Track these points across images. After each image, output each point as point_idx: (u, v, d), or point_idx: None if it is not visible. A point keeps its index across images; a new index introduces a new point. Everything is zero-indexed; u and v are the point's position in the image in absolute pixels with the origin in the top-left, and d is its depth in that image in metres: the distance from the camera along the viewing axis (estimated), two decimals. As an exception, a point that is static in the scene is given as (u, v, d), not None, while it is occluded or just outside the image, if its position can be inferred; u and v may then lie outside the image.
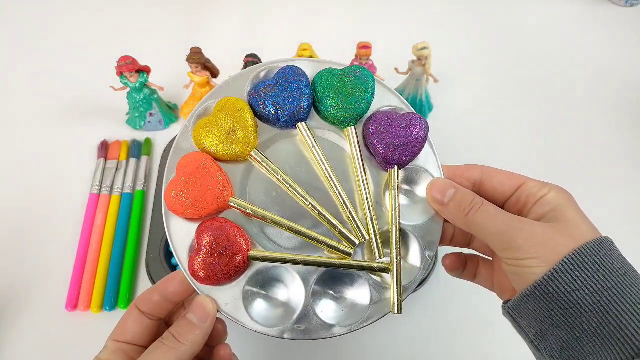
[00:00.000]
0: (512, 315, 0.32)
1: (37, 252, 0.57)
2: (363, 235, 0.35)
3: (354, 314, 0.35)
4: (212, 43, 0.67)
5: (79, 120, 0.67)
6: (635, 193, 0.62)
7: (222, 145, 0.35)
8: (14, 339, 0.51)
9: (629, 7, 0.81)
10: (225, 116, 0.35)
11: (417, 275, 0.35)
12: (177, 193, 0.34)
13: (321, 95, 0.36)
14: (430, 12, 0.81)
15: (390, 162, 0.36)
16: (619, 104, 0.70)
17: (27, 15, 0.80)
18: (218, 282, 0.33)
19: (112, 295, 0.53)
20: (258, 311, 0.34)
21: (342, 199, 0.35)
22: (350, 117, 0.36)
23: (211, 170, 0.34)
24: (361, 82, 0.36)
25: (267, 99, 0.36)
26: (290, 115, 0.36)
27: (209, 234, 0.33)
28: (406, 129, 0.36)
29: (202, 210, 0.33)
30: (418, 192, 0.37)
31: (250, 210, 0.34)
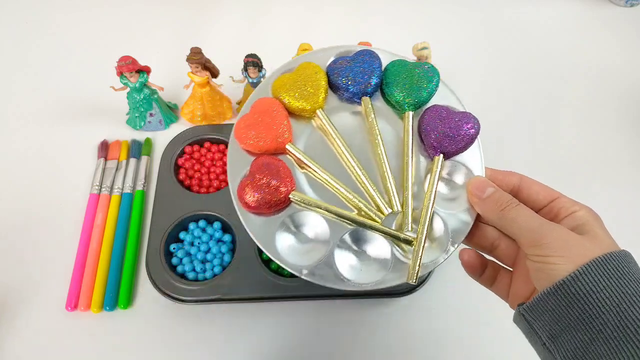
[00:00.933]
0: (525, 318, 0.32)
1: (37, 252, 0.57)
2: (397, 206, 0.38)
3: (369, 276, 0.37)
4: (212, 43, 0.67)
5: (79, 120, 0.67)
6: (635, 193, 0.62)
7: (294, 99, 0.40)
8: (14, 339, 0.51)
9: (629, 7, 0.81)
10: (303, 76, 0.40)
11: (438, 257, 0.37)
12: (246, 125, 0.39)
13: (389, 80, 0.41)
14: (430, 12, 0.81)
15: (438, 149, 0.39)
16: (620, 103, 0.70)
17: (26, 14, 0.80)
18: (260, 208, 0.37)
19: (112, 295, 0.53)
20: (286, 247, 0.37)
21: (387, 172, 0.39)
22: (410, 102, 0.40)
23: (279, 114, 0.39)
24: (427, 76, 0.41)
25: (342, 70, 0.41)
26: (359, 88, 0.40)
27: (263, 163, 0.38)
28: (459, 123, 0.39)
29: (261, 143, 0.38)
30: (457, 186, 0.39)
31: (302, 158, 0.39)
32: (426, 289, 0.54)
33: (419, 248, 0.36)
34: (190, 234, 0.56)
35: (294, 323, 0.53)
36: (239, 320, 0.53)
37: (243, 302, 0.53)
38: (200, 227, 0.56)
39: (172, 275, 0.53)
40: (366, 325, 0.53)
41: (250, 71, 0.59)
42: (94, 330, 0.52)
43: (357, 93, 0.41)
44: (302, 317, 0.53)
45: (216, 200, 0.58)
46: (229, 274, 0.53)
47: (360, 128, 0.41)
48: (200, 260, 0.54)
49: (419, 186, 0.39)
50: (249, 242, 0.54)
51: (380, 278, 0.37)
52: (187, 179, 0.60)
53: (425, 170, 0.40)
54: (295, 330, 0.53)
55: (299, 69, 0.41)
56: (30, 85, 0.71)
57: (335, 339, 0.52)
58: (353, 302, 0.54)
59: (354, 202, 0.38)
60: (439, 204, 0.38)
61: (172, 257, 0.55)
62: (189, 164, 0.61)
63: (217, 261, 0.54)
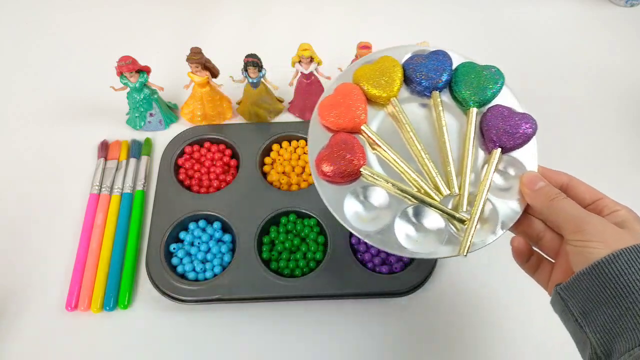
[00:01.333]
0: (561, 296, 0.36)
1: (37, 252, 0.57)
2: (455, 189, 0.42)
3: (424, 247, 0.41)
4: (212, 43, 0.67)
5: (79, 120, 0.67)
6: (635, 193, 0.62)
7: (372, 87, 0.45)
8: (15, 339, 0.52)
9: (629, 7, 0.81)
10: (382, 68, 0.46)
11: (487, 238, 0.41)
12: (330, 104, 0.44)
13: (459, 78, 0.45)
14: (430, 12, 0.81)
15: (497, 143, 0.43)
16: (619, 104, 0.70)
17: (26, 14, 0.80)
18: (333, 177, 0.42)
19: (112, 295, 0.53)
20: (352, 213, 0.42)
21: (449, 158, 0.43)
22: (476, 100, 0.44)
23: (359, 98, 0.44)
24: (493, 78, 0.45)
25: (418, 65, 0.46)
26: (430, 83, 0.45)
27: (340, 138, 0.43)
28: (519, 122, 0.43)
29: (340, 121, 0.43)
30: (510, 178, 0.43)
31: (375, 138, 0.43)
32: (426, 289, 0.54)
33: (472, 226, 0.41)
34: (190, 234, 0.56)
35: (294, 323, 0.53)
36: (239, 320, 0.53)
37: (243, 302, 0.53)
38: (200, 227, 0.57)
39: (172, 275, 0.53)
40: (366, 325, 0.53)
41: (250, 71, 0.59)
42: (94, 330, 0.52)
43: (428, 87, 0.45)
44: (302, 317, 0.53)
45: (216, 200, 0.58)
46: (228, 274, 0.53)
47: (427, 118, 0.46)
48: (200, 260, 0.55)
49: (476, 175, 0.43)
50: (248, 242, 0.55)
51: (433, 249, 0.41)
52: (187, 179, 0.60)
53: (483, 161, 0.44)
54: (295, 331, 0.53)
55: (379, 61, 0.46)
56: (30, 85, 0.72)
57: (335, 340, 0.52)
58: (353, 302, 0.54)
59: (417, 181, 0.42)
60: (492, 192, 0.42)
61: (172, 257, 0.55)
62: (189, 164, 0.61)
63: (217, 261, 0.54)
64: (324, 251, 0.55)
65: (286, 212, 0.57)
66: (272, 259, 0.55)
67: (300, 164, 0.61)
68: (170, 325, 0.53)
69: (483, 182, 0.42)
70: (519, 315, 0.54)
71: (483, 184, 0.42)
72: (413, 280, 0.52)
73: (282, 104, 0.67)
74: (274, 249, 0.55)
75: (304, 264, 0.54)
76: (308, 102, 0.64)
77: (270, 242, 0.56)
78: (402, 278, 0.52)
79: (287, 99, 0.68)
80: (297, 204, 0.57)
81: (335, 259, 0.53)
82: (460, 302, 0.55)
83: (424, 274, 0.53)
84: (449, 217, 0.42)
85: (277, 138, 0.63)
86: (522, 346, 0.52)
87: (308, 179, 0.61)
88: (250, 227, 0.55)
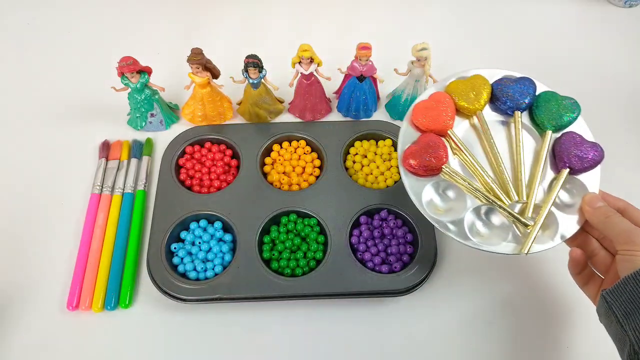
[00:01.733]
0: (606, 299, 0.40)
1: (38, 251, 0.57)
2: (523, 197, 0.48)
3: (489, 241, 0.48)
4: (212, 44, 0.67)
5: (80, 121, 0.68)
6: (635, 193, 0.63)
7: (461, 99, 0.52)
8: (16, 338, 0.52)
9: (627, 8, 0.82)
10: (472, 84, 0.53)
11: (546, 243, 0.47)
12: (424, 107, 0.51)
13: (540, 104, 0.52)
14: (429, 13, 0.81)
15: (567, 164, 0.49)
16: (619, 104, 0.71)
17: (28, 15, 0.80)
18: (418, 170, 0.49)
19: (113, 295, 0.53)
20: (430, 204, 0.49)
21: (522, 170, 0.49)
22: (552, 124, 0.51)
23: (449, 106, 0.51)
24: (571, 107, 0.52)
25: (505, 86, 0.52)
26: (514, 104, 0.52)
27: (429, 138, 0.50)
28: (588, 149, 0.49)
29: (431, 123, 0.51)
30: (574, 196, 0.49)
31: (458, 142, 0.51)
32: (426, 289, 0.54)
33: (535, 230, 0.47)
34: (191, 234, 0.56)
35: (294, 322, 0.53)
36: (239, 319, 0.53)
37: (244, 301, 0.53)
38: (201, 226, 0.57)
39: (173, 274, 0.53)
40: (366, 325, 0.53)
41: (251, 72, 0.59)
42: (96, 330, 0.53)
43: (511, 107, 0.52)
44: (302, 316, 0.54)
45: (217, 200, 0.58)
46: (229, 274, 0.53)
47: (505, 133, 0.53)
48: (201, 259, 0.55)
49: (543, 189, 0.50)
50: (249, 242, 0.55)
51: (496, 245, 0.47)
52: (188, 179, 0.61)
53: (552, 178, 0.50)
54: (295, 330, 0.53)
55: (471, 78, 0.53)
56: (31, 85, 0.72)
57: (335, 339, 0.52)
58: (353, 302, 0.54)
59: (490, 185, 0.49)
60: (556, 206, 0.49)
61: (173, 257, 0.55)
62: (189, 164, 0.61)
63: (218, 261, 0.55)
64: (324, 251, 0.55)
65: (287, 211, 0.57)
66: (272, 258, 0.55)
67: (301, 164, 0.62)
68: (171, 325, 0.53)
69: (549, 195, 0.48)
70: (518, 314, 0.54)
71: (549, 197, 0.48)
72: (413, 280, 0.53)
73: (283, 105, 0.68)
74: (275, 249, 0.56)
75: (304, 264, 0.54)
76: (308, 102, 0.65)
77: (271, 242, 0.56)
78: (402, 277, 0.53)
79: (287, 99, 0.68)
80: (298, 203, 0.58)
81: (335, 258, 0.54)
82: (460, 301, 0.55)
83: (423, 274, 0.53)
84: (514, 220, 0.48)
85: (277, 138, 0.63)
86: (521, 346, 0.53)
87: (308, 179, 0.61)
88: (251, 226, 0.56)
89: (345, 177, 0.60)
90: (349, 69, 0.61)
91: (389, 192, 0.59)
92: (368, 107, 0.65)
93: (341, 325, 0.53)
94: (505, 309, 0.55)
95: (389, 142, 0.63)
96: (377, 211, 0.58)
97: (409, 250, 0.55)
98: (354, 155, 0.63)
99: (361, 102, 0.64)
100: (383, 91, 0.69)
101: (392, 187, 0.60)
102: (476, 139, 0.52)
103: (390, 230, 0.56)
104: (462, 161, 0.51)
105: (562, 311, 0.54)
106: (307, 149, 0.63)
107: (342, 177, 0.60)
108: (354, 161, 0.62)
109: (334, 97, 0.69)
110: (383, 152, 0.62)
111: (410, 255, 0.55)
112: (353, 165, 0.62)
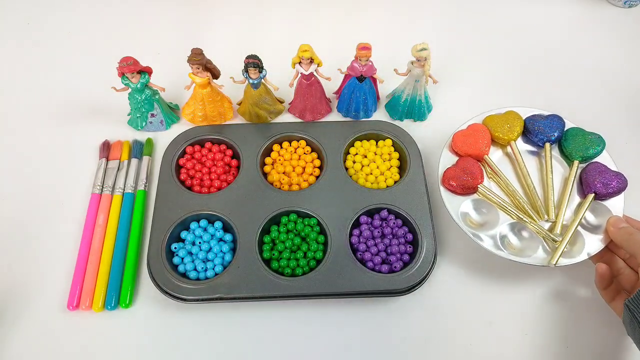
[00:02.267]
0: (629, 307, 0.44)
1: (38, 251, 0.57)
2: (552, 216, 0.54)
3: (519, 253, 0.53)
4: (213, 44, 0.67)
5: (81, 121, 0.68)
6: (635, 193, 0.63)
7: (497, 130, 0.59)
8: (16, 338, 0.52)
9: (627, 8, 0.82)
10: (507, 118, 0.60)
11: (572, 258, 0.52)
12: (464, 135, 0.59)
13: (569, 137, 0.59)
14: (429, 13, 0.81)
15: (592, 189, 0.55)
16: (619, 104, 0.71)
17: (28, 15, 0.80)
18: (456, 188, 0.55)
19: (113, 295, 0.53)
20: (467, 217, 0.55)
21: (551, 193, 0.56)
22: (580, 155, 0.58)
23: (485, 136, 0.59)
24: (596, 141, 0.58)
25: (537, 121, 0.60)
26: (545, 136, 0.59)
27: (467, 161, 0.57)
28: (612, 177, 0.55)
29: (469, 149, 0.58)
30: (599, 219, 0.55)
31: (493, 166, 0.58)
32: (426, 288, 0.54)
33: (563, 244, 0.52)
34: (192, 234, 0.56)
35: (294, 322, 0.53)
36: (240, 319, 0.54)
37: (244, 301, 0.53)
38: (202, 226, 0.57)
39: (174, 274, 0.53)
40: (366, 325, 0.53)
41: (251, 72, 0.60)
42: (96, 329, 0.53)
43: (542, 139, 0.59)
44: (303, 316, 0.54)
45: (217, 200, 0.58)
46: (230, 273, 0.53)
47: (536, 162, 0.60)
48: (202, 259, 0.55)
49: (570, 211, 0.56)
50: (249, 242, 0.55)
51: (526, 257, 0.52)
52: (189, 179, 0.61)
53: (578, 202, 0.56)
54: (296, 330, 0.53)
55: (506, 113, 0.61)
56: (31, 85, 0.72)
57: (335, 338, 0.53)
58: (353, 302, 0.54)
59: (522, 205, 0.55)
60: (583, 226, 0.54)
61: (173, 257, 0.55)
62: (190, 164, 0.61)
63: (218, 260, 0.55)
64: (324, 250, 0.55)
65: (287, 211, 0.57)
66: (272, 258, 0.55)
67: (301, 164, 0.62)
68: (171, 324, 0.53)
69: (577, 216, 0.54)
70: (518, 313, 0.54)
71: (577, 217, 0.54)
72: (412, 280, 0.53)
73: (283, 105, 0.68)
74: (275, 249, 0.56)
75: (304, 264, 0.54)
76: (308, 102, 0.65)
77: (271, 242, 0.56)
78: (402, 277, 0.53)
79: (288, 99, 0.68)
80: (298, 203, 0.58)
81: (335, 258, 0.54)
82: (460, 301, 0.55)
83: (423, 273, 0.53)
84: (544, 236, 0.53)
85: (277, 138, 0.63)
86: (521, 345, 0.53)
87: (308, 179, 0.61)
88: (251, 226, 0.56)
89: (345, 177, 0.60)
90: (349, 69, 0.62)
91: (389, 192, 0.59)
92: (368, 107, 0.66)
93: (341, 325, 0.53)
94: (504, 309, 0.55)
95: (389, 142, 0.63)
96: (377, 211, 0.58)
97: (409, 250, 0.55)
98: (354, 155, 0.63)
99: (361, 102, 0.64)
100: (383, 91, 0.69)
101: (392, 187, 0.60)
102: (509, 165, 0.59)
103: (391, 230, 0.56)
104: (496, 183, 0.57)
105: (561, 311, 0.54)
106: (307, 149, 0.63)
107: (342, 177, 0.60)
108: (354, 161, 0.62)
109: (334, 97, 0.69)
110: (383, 152, 0.63)
111: (410, 255, 0.55)
112: (353, 165, 0.62)
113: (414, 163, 0.61)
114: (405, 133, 0.63)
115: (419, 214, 0.57)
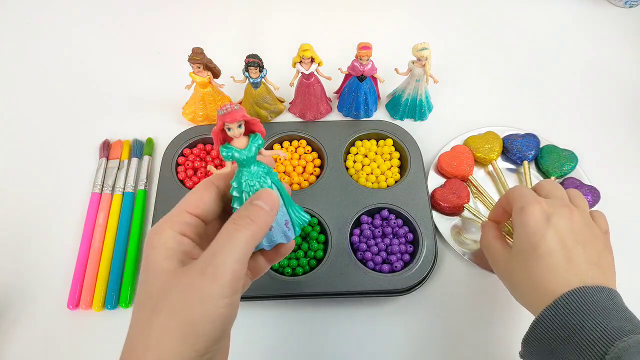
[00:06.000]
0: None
1: (38, 251, 0.57)
2: None
3: None
4: (213, 43, 0.67)
5: (81, 120, 0.68)
6: (635, 193, 0.63)
7: (478, 151, 0.63)
8: (16, 338, 0.52)
9: (627, 8, 0.82)
10: (487, 139, 0.63)
11: None
12: (449, 156, 0.62)
13: (544, 155, 0.62)
14: (430, 13, 0.81)
15: None
16: (619, 104, 0.71)
17: (28, 14, 0.80)
18: (444, 208, 0.58)
19: (113, 294, 0.53)
20: (455, 234, 0.58)
21: None
22: (556, 171, 0.61)
23: (468, 157, 0.62)
24: (570, 158, 0.62)
25: (514, 141, 0.63)
26: (522, 155, 0.62)
27: (453, 182, 0.60)
28: (587, 192, 0.59)
29: (454, 170, 0.61)
30: None
31: (477, 185, 0.61)
32: (426, 288, 0.54)
33: None
34: (192, 233, 0.56)
35: (294, 322, 0.53)
36: (239, 318, 0.53)
37: (244, 300, 0.53)
38: (202, 226, 0.57)
39: (174, 274, 0.53)
40: (366, 324, 0.53)
41: (251, 71, 0.59)
42: (96, 329, 0.53)
43: (520, 157, 0.62)
44: (303, 315, 0.54)
45: (217, 199, 0.58)
46: (230, 273, 0.53)
47: (515, 179, 0.63)
48: (202, 259, 0.55)
49: None
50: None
51: None
52: (189, 179, 0.61)
53: None
54: (296, 329, 0.53)
55: (485, 134, 0.64)
56: (31, 84, 0.72)
57: (335, 338, 0.52)
58: (353, 301, 0.54)
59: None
60: None
61: (173, 256, 0.55)
62: (190, 164, 0.61)
63: (218, 260, 0.55)
64: (324, 250, 0.55)
65: (287, 211, 0.57)
66: (273, 257, 0.55)
67: (302, 163, 0.62)
68: (171, 324, 0.53)
69: None
70: (518, 313, 0.54)
71: None
72: (413, 279, 0.53)
73: (283, 104, 0.68)
74: (275, 248, 0.56)
75: (305, 263, 0.54)
76: (308, 102, 0.65)
77: (271, 241, 0.56)
78: (402, 277, 0.53)
79: (288, 99, 0.68)
80: (298, 203, 0.57)
81: (336, 258, 0.54)
82: (460, 301, 0.55)
83: (424, 272, 0.53)
84: None
85: (278, 138, 0.63)
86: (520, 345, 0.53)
87: (309, 179, 0.61)
88: (252, 226, 0.56)
89: (345, 176, 0.60)
90: (350, 68, 0.62)
91: (390, 192, 0.59)
92: (368, 107, 0.66)
93: (341, 325, 0.53)
94: (504, 308, 0.55)
95: (389, 141, 0.63)
96: (377, 211, 0.58)
97: (410, 250, 0.55)
98: (354, 155, 0.63)
99: (362, 102, 0.64)
100: (384, 91, 0.69)
101: (392, 187, 0.60)
102: (492, 184, 0.63)
103: (391, 230, 0.56)
104: (481, 201, 0.61)
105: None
106: (308, 148, 0.63)
107: (342, 177, 0.60)
108: (355, 161, 0.62)
109: (335, 97, 0.69)
110: (384, 151, 0.63)
111: (410, 254, 0.55)
112: (354, 165, 0.62)
113: (414, 163, 0.61)
114: (405, 133, 0.63)
115: (420, 214, 0.56)
